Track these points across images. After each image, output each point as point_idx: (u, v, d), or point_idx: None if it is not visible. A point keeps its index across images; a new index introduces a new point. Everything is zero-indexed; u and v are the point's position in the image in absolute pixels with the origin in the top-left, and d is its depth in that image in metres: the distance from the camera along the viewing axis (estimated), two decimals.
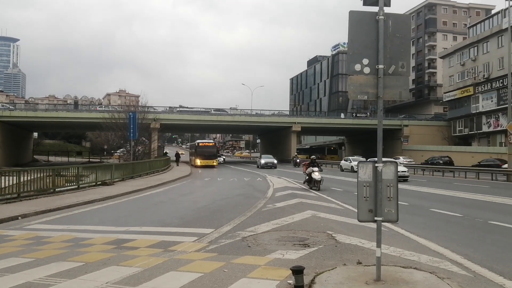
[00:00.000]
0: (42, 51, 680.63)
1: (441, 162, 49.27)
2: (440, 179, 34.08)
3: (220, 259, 7.80)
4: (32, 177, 18.95)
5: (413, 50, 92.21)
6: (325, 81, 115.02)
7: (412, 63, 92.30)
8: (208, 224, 11.95)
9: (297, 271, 4.80)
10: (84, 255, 8.13)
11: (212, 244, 9.34)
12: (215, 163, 55.72)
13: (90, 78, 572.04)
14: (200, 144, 57.30)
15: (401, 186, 21.60)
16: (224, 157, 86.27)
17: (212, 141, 65.49)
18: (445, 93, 72.61)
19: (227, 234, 10.44)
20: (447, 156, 52.44)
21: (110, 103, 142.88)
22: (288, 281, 6.18)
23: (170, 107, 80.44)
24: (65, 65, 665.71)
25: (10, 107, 78.57)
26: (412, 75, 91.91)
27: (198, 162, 54.39)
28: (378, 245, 6.27)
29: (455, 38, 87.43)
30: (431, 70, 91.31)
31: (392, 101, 69.12)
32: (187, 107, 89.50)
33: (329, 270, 6.84)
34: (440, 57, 76.56)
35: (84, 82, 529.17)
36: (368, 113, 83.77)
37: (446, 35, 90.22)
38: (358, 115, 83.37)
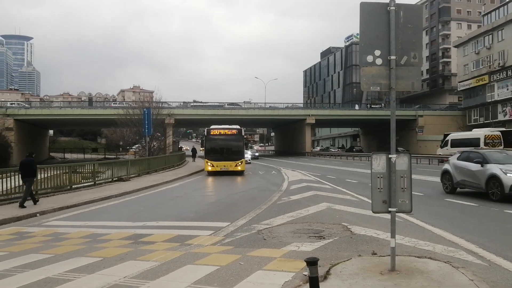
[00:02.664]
0: (56, 48, 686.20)
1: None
2: None
3: (236, 252, 7.87)
4: (49, 175, 19.23)
5: (426, 39, 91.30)
6: (338, 72, 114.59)
7: (426, 53, 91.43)
8: (224, 218, 12.04)
9: (311, 262, 4.84)
10: (102, 251, 8.26)
11: (228, 237, 9.43)
12: (239, 167, 30.88)
13: (104, 75, 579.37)
14: (212, 133, 31.99)
15: (415, 176, 21.49)
16: (257, 153, 68.92)
17: (234, 127, 34.37)
18: (459, 82, 71.82)
19: (242, 227, 10.53)
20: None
21: (124, 99, 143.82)
22: (304, 273, 6.23)
23: (184, 102, 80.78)
24: (78, 62, 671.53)
25: (26, 105, 79.77)
26: (426, 65, 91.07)
27: (209, 165, 31.12)
28: (392, 236, 6.29)
29: (469, 27, 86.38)
30: (445, 59, 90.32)
31: (406, 91, 68.70)
32: (201, 102, 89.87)
33: (344, 261, 6.88)
34: (455, 46, 75.68)
35: (98, 78, 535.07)
36: (383, 104, 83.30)
37: (460, 23, 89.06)
38: (372, 106, 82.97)
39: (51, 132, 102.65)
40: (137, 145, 60.94)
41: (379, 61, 6.39)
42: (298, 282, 6.00)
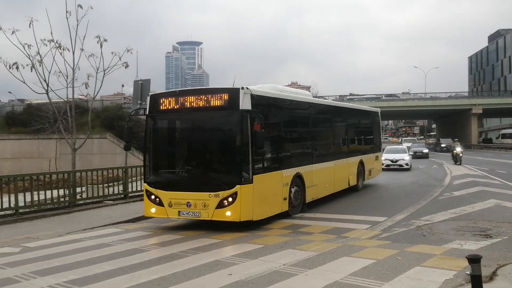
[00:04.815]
0: (221, 50, 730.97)
1: None
2: None
3: (393, 247, 7.78)
4: None
5: None
6: (509, 56, 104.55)
7: None
8: (381, 212, 11.90)
9: (474, 260, 4.62)
10: (263, 238, 8.80)
11: (385, 232, 9.35)
12: (231, 212, 9.13)
13: (264, 73, 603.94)
14: (164, 107, 10.20)
15: None
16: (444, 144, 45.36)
17: (220, 88, 10.06)
18: None
19: (400, 223, 10.33)
20: None
21: None
22: (467, 272, 5.92)
23: (340, 96, 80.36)
24: (241, 62, 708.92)
25: None
26: None
27: (151, 202, 10.03)
28: None
29: None
30: None
31: None
32: (357, 95, 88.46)
33: None
34: None
35: (259, 77, 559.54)
36: None
37: None
38: None
39: None
40: None
41: None
42: (460, 281, 5.75)
